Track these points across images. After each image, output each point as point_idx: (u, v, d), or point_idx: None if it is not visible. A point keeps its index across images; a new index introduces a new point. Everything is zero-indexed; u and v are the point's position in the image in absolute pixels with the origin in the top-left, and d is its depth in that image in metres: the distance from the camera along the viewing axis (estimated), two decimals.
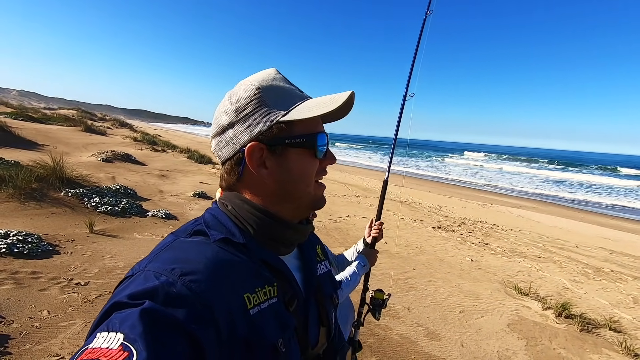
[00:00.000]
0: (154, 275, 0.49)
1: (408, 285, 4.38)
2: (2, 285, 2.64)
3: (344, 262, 1.95)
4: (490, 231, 8.11)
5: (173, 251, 0.55)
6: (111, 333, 0.42)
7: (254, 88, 0.63)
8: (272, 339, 0.55)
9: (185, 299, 0.47)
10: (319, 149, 0.65)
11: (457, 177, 23.31)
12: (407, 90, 1.95)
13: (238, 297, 0.54)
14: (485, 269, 5.39)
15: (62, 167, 5.65)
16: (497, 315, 3.86)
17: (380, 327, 3.23)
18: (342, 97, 0.62)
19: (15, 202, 4.53)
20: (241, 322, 0.52)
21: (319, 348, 0.70)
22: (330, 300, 0.77)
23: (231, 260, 0.56)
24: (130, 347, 0.41)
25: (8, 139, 9.50)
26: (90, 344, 0.42)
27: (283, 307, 0.60)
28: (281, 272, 0.63)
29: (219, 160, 0.69)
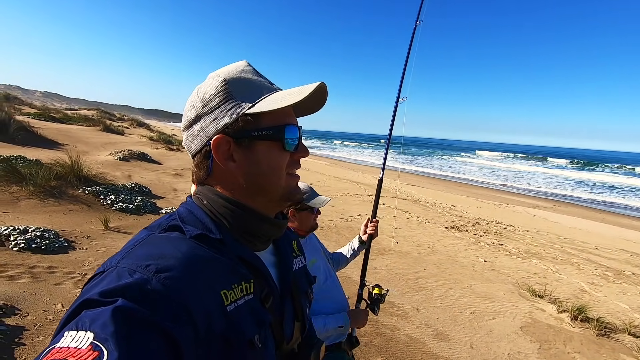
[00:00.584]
0: (128, 272, 0.47)
1: (418, 285, 4.33)
2: (19, 279, 2.74)
3: (339, 260, 1.95)
4: (505, 232, 7.94)
5: (147, 247, 0.53)
6: (80, 332, 0.40)
7: (220, 80, 0.63)
8: (249, 335, 0.55)
9: (160, 297, 0.46)
10: (287, 141, 0.64)
11: (471, 177, 22.91)
12: (400, 94, 2.02)
13: (215, 294, 0.53)
14: (498, 270, 5.28)
15: (80, 166, 5.82)
16: (509, 317, 3.78)
17: (387, 327, 3.21)
18: (310, 88, 0.61)
19: (36, 199, 4.69)
20: (218, 319, 0.51)
21: (293, 342, 0.70)
22: (305, 295, 0.77)
23: (207, 256, 0.56)
24: (101, 346, 0.39)
25: (31, 138, 9.85)
26: (58, 343, 0.40)
27: (259, 304, 0.60)
28: (257, 269, 0.62)
29: (189, 154, 0.68)
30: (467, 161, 37.19)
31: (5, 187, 4.73)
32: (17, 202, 4.46)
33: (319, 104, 0.70)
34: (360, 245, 1.94)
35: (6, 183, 4.78)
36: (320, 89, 0.63)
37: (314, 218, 1.64)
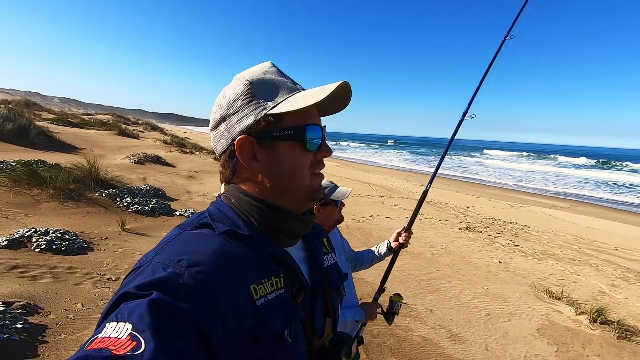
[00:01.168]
0: (162, 266, 0.50)
1: (431, 286, 4.29)
2: (41, 279, 2.83)
3: (363, 260, 1.93)
4: (520, 232, 7.81)
5: (180, 243, 0.55)
6: (120, 323, 0.43)
7: (244, 82, 0.64)
8: (279, 330, 0.56)
9: (192, 290, 0.48)
10: (308, 141, 0.64)
11: (485, 177, 22.57)
12: (468, 109, 1.86)
13: (244, 288, 0.54)
14: (514, 271, 5.19)
15: (97, 169, 5.97)
16: (525, 319, 3.71)
17: (400, 328, 3.19)
18: (330, 88, 0.61)
19: (55, 201, 4.83)
20: (248, 313, 0.53)
21: (324, 338, 0.70)
22: (337, 291, 0.77)
23: (237, 252, 0.57)
24: (139, 336, 0.41)
25: (50, 143, 10.14)
26: (100, 334, 0.43)
27: (290, 298, 0.61)
28: (287, 264, 0.63)
29: (216, 154, 0.70)
30: (478, 161, 36.60)
31: (26, 190, 4.88)
32: (38, 205, 4.60)
33: (342, 103, 0.70)
34: (387, 251, 1.90)
35: (27, 186, 4.94)
36: (342, 87, 0.64)
37: (339, 211, 1.64)
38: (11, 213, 4.17)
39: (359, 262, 1.93)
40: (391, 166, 25.79)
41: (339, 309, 0.77)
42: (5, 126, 8.96)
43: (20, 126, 9.33)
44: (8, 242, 3.23)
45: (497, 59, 1.84)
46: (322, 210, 1.60)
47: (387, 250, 1.91)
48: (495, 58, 1.84)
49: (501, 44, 1.85)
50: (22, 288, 2.60)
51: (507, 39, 1.85)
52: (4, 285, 2.52)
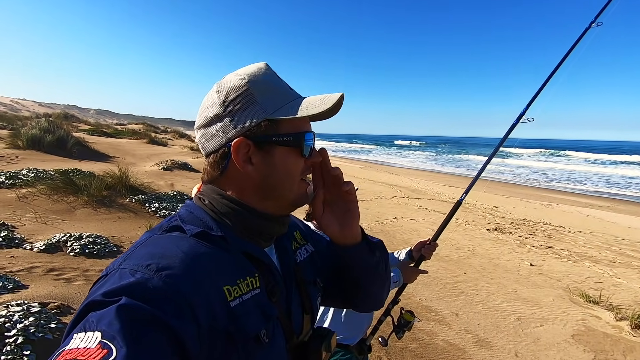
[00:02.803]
0: (129, 272, 0.48)
1: (457, 289, 4.16)
2: (75, 281, 2.98)
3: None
4: (554, 233, 7.43)
5: (148, 247, 0.54)
6: (88, 333, 0.42)
7: (244, 82, 0.63)
8: (255, 330, 0.55)
9: (162, 294, 0.47)
10: (305, 147, 0.64)
11: (513, 176, 21.69)
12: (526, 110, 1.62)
13: (217, 290, 0.53)
14: (547, 274, 4.94)
15: (127, 176, 6.23)
16: (559, 324, 3.52)
17: (424, 332, 3.11)
18: (333, 99, 0.62)
19: (89, 208, 5.08)
20: (221, 314, 0.52)
21: (304, 335, 0.69)
22: (313, 285, 0.76)
23: (209, 253, 0.56)
24: (109, 344, 0.40)
25: (86, 152, 10.71)
26: (67, 346, 0.41)
27: (266, 298, 0.60)
28: (262, 262, 0.62)
29: (203, 152, 0.68)
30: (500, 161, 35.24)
31: (63, 197, 5.17)
32: (73, 211, 4.87)
33: (333, 113, 0.70)
34: (406, 258, 1.86)
35: (64, 193, 5.23)
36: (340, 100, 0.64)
37: None
38: (49, 219, 4.43)
39: None
40: (416, 167, 25.34)
41: (317, 303, 0.76)
42: (46, 138, 9.54)
43: (59, 137, 9.91)
44: (46, 247, 3.42)
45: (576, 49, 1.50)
46: None
47: (406, 258, 1.83)
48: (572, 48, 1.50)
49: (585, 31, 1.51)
50: (57, 290, 2.75)
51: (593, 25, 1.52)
52: (40, 287, 2.68)
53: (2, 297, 2.31)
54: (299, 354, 0.66)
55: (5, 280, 2.51)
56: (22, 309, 2.07)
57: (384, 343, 1.71)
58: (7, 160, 7.93)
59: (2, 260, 2.98)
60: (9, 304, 2.15)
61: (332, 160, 0.73)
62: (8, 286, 2.47)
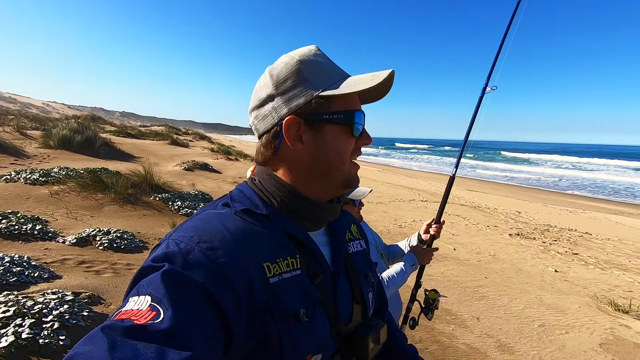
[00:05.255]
0: (175, 242, 0.53)
1: (478, 294, 4.09)
2: (104, 273, 3.11)
3: (395, 253, 1.92)
4: (580, 240, 7.18)
5: (196, 222, 0.57)
6: (140, 297, 0.46)
7: (295, 62, 0.63)
8: (294, 308, 0.56)
9: (201, 264, 0.50)
10: (356, 126, 0.64)
11: (537, 181, 21.05)
12: (489, 81, 1.78)
13: (257, 265, 0.55)
14: (572, 281, 4.79)
15: (151, 176, 6.43)
16: (585, 332, 3.40)
17: (444, 335, 3.07)
18: (383, 75, 0.62)
19: (116, 205, 5.27)
20: (260, 289, 0.54)
21: (353, 324, 0.68)
22: (364, 277, 0.75)
23: (251, 229, 0.58)
24: (157, 306, 0.45)
25: (112, 152, 11.11)
26: (123, 308, 0.46)
27: (307, 279, 0.61)
28: (305, 245, 0.63)
29: (257, 134, 0.69)
30: (524, 169, 34.12)
31: (92, 194, 5.39)
32: (101, 208, 5.06)
33: (383, 92, 0.69)
34: (418, 244, 1.89)
35: (93, 191, 5.45)
36: (391, 76, 0.63)
37: (358, 210, 1.66)
38: (79, 215, 4.62)
39: (392, 256, 1.92)
40: (435, 171, 24.97)
41: (369, 295, 0.75)
42: (75, 138, 9.96)
43: (87, 138, 10.32)
44: (77, 240, 3.58)
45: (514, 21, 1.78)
46: None
47: (418, 243, 1.89)
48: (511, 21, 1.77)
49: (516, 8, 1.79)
50: (88, 281, 2.87)
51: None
52: (73, 278, 2.80)
53: (38, 286, 2.44)
54: (347, 341, 0.66)
55: (41, 270, 2.65)
56: (57, 297, 2.18)
57: (413, 325, 1.73)
58: (40, 159, 8.33)
59: (37, 252, 3.14)
60: (45, 292, 2.27)
61: None
62: (44, 275, 2.60)
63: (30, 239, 3.41)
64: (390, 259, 1.92)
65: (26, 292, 2.27)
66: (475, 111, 1.83)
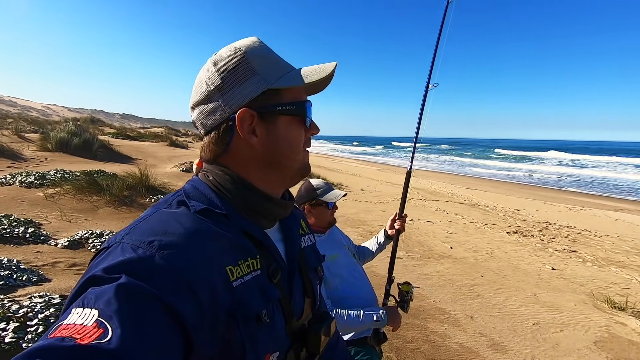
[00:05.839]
0: (131, 247, 0.47)
1: (473, 292, 4.07)
2: None
3: (364, 253, 1.93)
4: (579, 237, 7.15)
5: (152, 223, 0.53)
6: (86, 309, 0.41)
7: (242, 53, 0.61)
8: (256, 310, 0.55)
9: (163, 273, 0.46)
10: (307, 116, 0.66)
11: (538, 179, 21.01)
12: (430, 79, 1.90)
13: (220, 270, 0.53)
14: (569, 279, 4.76)
15: (147, 177, 6.43)
16: (580, 330, 3.38)
17: (437, 334, 3.05)
18: (330, 67, 0.63)
19: (111, 207, 5.28)
20: (224, 295, 0.52)
21: (304, 319, 0.69)
22: (314, 272, 0.77)
23: (212, 232, 0.55)
24: (106, 323, 0.39)
25: (110, 155, 11.11)
26: (65, 320, 0.41)
27: (267, 279, 0.60)
28: (264, 244, 0.62)
29: (203, 130, 0.65)
30: (528, 168, 34.04)
31: (87, 197, 5.39)
32: (96, 210, 5.06)
33: (325, 85, 0.70)
34: (386, 240, 1.92)
35: (88, 193, 5.45)
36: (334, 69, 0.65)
37: (331, 213, 1.65)
38: (74, 217, 4.62)
39: (362, 256, 1.92)
40: (432, 169, 24.93)
41: (317, 289, 0.76)
42: (73, 141, 9.97)
43: (85, 140, 10.33)
44: (69, 243, 3.58)
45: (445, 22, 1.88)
46: (313, 210, 1.61)
47: (385, 239, 1.92)
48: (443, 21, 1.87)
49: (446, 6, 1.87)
50: None
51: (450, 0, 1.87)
52: (62, 281, 2.80)
53: (26, 289, 2.43)
54: (299, 336, 0.66)
55: (30, 274, 2.64)
56: (43, 300, 2.17)
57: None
58: (37, 162, 8.33)
59: (28, 255, 3.13)
60: (32, 296, 2.26)
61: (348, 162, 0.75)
62: (32, 279, 2.59)
63: (22, 242, 3.41)
64: (362, 259, 1.93)
65: (12, 295, 2.26)
66: (421, 107, 1.94)
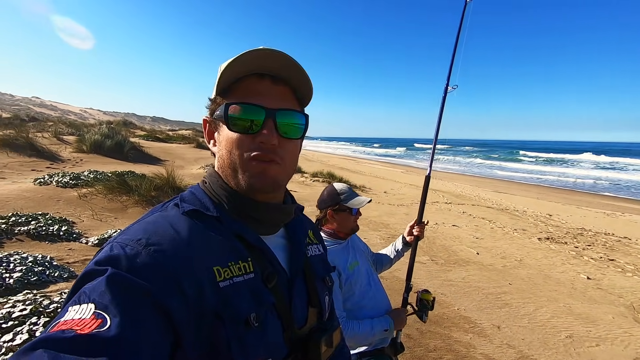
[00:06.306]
0: (120, 245, 0.50)
1: (500, 301, 3.90)
2: None
3: (382, 261, 1.87)
4: (618, 245, 6.72)
5: (144, 224, 0.55)
6: (82, 305, 0.43)
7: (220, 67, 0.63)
8: (243, 313, 0.55)
9: (149, 268, 0.48)
10: (230, 120, 0.60)
11: (573, 183, 19.99)
12: (449, 81, 1.86)
13: (206, 269, 0.53)
14: (606, 290, 4.47)
15: (174, 178, 6.62)
16: (619, 345, 3.16)
17: (461, 344, 2.94)
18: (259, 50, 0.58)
19: (139, 207, 5.46)
20: (210, 293, 0.52)
21: (307, 328, 0.67)
22: (322, 281, 0.75)
23: (200, 231, 0.56)
24: (103, 314, 0.42)
25: (140, 156, 11.55)
26: (62, 318, 0.42)
27: (261, 283, 0.59)
28: (257, 248, 0.62)
29: None
30: (561, 171, 32.42)
31: (117, 197, 5.61)
32: (125, 210, 5.25)
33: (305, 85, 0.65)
34: (404, 247, 1.86)
35: (118, 193, 5.67)
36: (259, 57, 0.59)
37: (354, 220, 1.58)
38: (104, 217, 4.82)
39: (379, 264, 1.87)
40: (458, 171, 24.25)
41: (325, 299, 0.74)
42: (106, 143, 10.44)
43: (117, 142, 10.80)
44: (99, 241, 3.73)
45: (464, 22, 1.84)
46: (335, 216, 1.55)
47: (404, 246, 1.86)
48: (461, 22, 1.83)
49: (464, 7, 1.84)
50: None
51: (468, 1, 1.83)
52: None
53: (57, 285, 2.54)
54: (299, 345, 0.64)
55: (61, 270, 2.76)
56: None
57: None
58: (73, 163, 8.78)
59: (61, 252, 3.28)
60: (62, 292, 2.36)
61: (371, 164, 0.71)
62: (63, 275, 2.71)
63: (56, 240, 3.58)
64: (379, 267, 1.87)
65: (44, 291, 2.37)
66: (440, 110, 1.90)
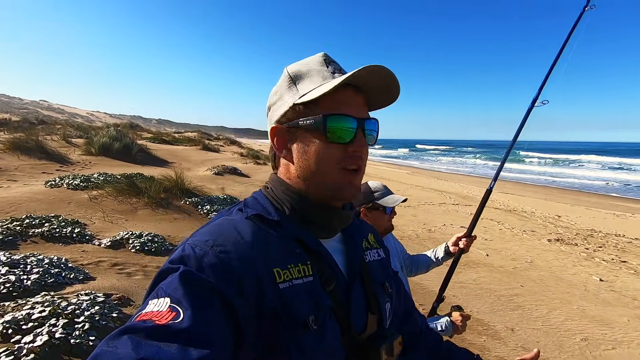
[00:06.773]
0: (191, 246, 0.55)
1: (513, 303, 3.86)
2: (135, 275, 3.23)
3: (419, 264, 1.84)
4: (629, 246, 6.65)
5: (211, 227, 0.60)
6: (160, 299, 0.49)
7: (285, 73, 0.67)
8: (302, 315, 0.56)
9: (215, 267, 0.53)
10: (329, 132, 0.61)
11: (581, 183, 19.78)
12: (539, 94, 1.69)
13: (267, 270, 0.56)
14: (620, 292, 4.42)
15: (182, 180, 6.65)
16: (636, 349, 3.12)
17: (475, 347, 2.92)
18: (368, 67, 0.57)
19: (149, 209, 5.49)
20: (270, 293, 0.55)
21: (366, 334, 0.66)
22: (381, 287, 0.73)
23: (262, 234, 0.60)
24: (177, 307, 0.47)
25: (147, 158, 11.63)
26: (143, 310, 0.48)
27: (319, 287, 0.60)
28: (316, 251, 0.63)
29: None
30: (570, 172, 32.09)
31: (127, 199, 5.64)
32: (135, 212, 5.29)
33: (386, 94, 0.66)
34: (445, 256, 1.80)
35: (128, 195, 5.70)
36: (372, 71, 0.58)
37: (389, 219, 1.55)
38: (115, 218, 4.85)
39: (415, 266, 1.83)
40: (465, 173, 24.12)
41: (386, 305, 0.72)
42: (114, 145, 10.52)
43: (125, 145, 10.87)
44: (111, 243, 3.75)
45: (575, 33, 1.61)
46: (369, 214, 1.53)
47: (444, 255, 1.79)
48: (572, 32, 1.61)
49: (579, 16, 1.63)
50: (120, 283, 2.99)
51: (587, 9, 1.63)
52: (106, 280, 2.93)
53: (73, 287, 2.56)
54: (358, 351, 0.64)
55: (77, 272, 2.78)
56: (89, 298, 2.27)
57: None
58: (82, 166, 8.85)
59: (75, 254, 3.31)
60: (79, 293, 2.38)
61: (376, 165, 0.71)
62: (79, 277, 2.73)
63: (69, 242, 3.61)
64: (414, 270, 1.84)
65: (62, 293, 2.39)
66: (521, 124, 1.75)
